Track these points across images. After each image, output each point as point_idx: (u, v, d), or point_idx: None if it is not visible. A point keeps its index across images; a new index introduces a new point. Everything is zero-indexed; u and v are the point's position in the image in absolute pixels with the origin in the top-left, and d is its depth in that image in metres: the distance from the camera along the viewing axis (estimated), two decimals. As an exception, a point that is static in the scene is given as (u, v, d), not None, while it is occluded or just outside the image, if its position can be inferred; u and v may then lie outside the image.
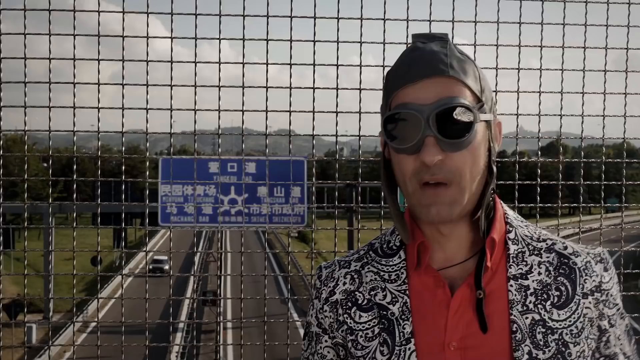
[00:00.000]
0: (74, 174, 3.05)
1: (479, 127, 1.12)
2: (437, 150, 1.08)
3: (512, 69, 3.09)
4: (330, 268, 1.27)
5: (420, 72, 1.10)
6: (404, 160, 1.12)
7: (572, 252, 1.17)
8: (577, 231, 3.23)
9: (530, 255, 1.17)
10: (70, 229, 3.04)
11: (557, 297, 1.13)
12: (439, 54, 1.12)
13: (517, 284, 1.14)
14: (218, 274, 3.29)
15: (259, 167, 10.29)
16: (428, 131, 1.08)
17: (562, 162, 3.19)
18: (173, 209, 11.05)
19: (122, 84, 2.95)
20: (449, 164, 1.09)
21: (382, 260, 1.22)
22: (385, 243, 1.25)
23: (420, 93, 1.10)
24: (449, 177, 1.09)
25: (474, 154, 1.11)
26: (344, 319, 1.21)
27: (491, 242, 1.15)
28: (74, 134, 3.02)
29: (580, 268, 1.15)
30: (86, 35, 2.94)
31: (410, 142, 1.10)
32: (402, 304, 1.16)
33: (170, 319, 3.20)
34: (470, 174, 1.11)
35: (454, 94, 1.09)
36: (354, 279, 1.23)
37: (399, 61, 1.15)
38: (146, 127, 3.02)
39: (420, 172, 1.10)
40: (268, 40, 2.96)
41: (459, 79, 1.10)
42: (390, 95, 1.14)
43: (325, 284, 1.25)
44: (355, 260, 1.26)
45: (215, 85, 2.99)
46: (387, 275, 1.20)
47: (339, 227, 3.13)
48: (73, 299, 3.19)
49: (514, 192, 3.12)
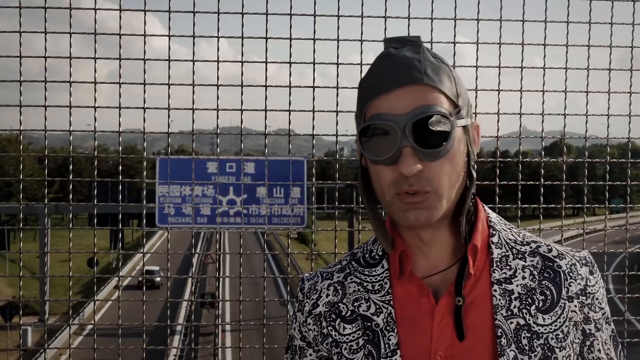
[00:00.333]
0: (70, 174, 3.05)
1: (457, 133, 1.11)
2: (414, 160, 1.08)
3: (515, 67, 3.09)
4: (312, 280, 1.27)
5: (394, 81, 1.09)
6: (382, 171, 1.11)
7: (557, 254, 1.17)
8: (581, 232, 3.23)
9: (514, 259, 1.16)
10: (66, 230, 3.04)
11: (541, 302, 1.13)
12: (412, 61, 1.11)
13: (501, 288, 1.13)
14: (216, 276, 3.29)
15: (258, 167, 10.29)
16: (405, 142, 1.07)
17: (565, 162, 3.19)
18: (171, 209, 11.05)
19: (119, 83, 2.95)
20: (427, 173, 1.09)
21: (365, 270, 1.22)
22: (367, 252, 1.24)
23: (395, 102, 1.09)
24: (426, 186, 1.09)
25: (452, 161, 1.10)
26: (328, 331, 1.20)
27: (473, 249, 1.15)
28: (70, 134, 3.02)
29: (565, 271, 1.15)
30: (82, 33, 2.94)
31: (387, 154, 1.09)
32: (386, 315, 1.16)
33: (167, 322, 3.20)
34: (448, 180, 1.10)
35: (430, 102, 1.08)
36: (337, 291, 1.22)
37: (372, 69, 1.14)
38: (143, 127, 3.02)
39: (398, 182, 1.10)
40: (267, 39, 2.96)
41: (434, 85, 1.09)
42: (364, 105, 1.14)
43: (308, 297, 1.25)
44: (338, 271, 1.25)
45: (214, 84, 2.99)
46: (371, 285, 1.19)
47: (339, 228, 3.13)
48: (69, 301, 3.19)
49: (517, 193, 3.12)
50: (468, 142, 1.15)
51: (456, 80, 1.14)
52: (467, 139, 1.15)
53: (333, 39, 2.96)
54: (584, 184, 3.19)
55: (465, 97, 1.16)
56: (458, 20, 3.01)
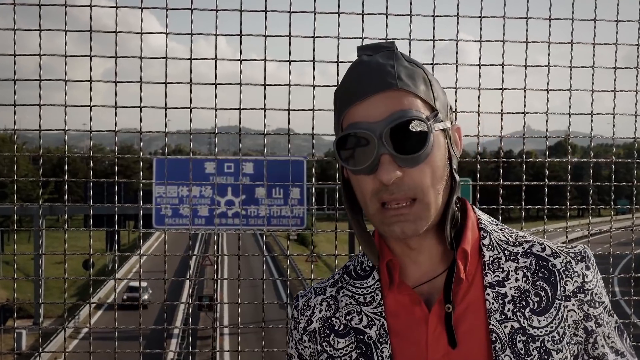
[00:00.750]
0: (65, 174, 3.05)
1: (436, 137, 1.11)
2: (394, 167, 1.07)
3: (519, 65, 3.09)
4: (306, 296, 1.27)
5: (368, 88, 1.09)
6: (362, 181, 1.11)
7: (551, 253, 1.16)
8: (586, 234, 3.23)
9: (507, 261, 1.16)
10: (61, 231, 3.04)
11: (536, 303, 1.12)
12: (385, 67, 1.11)
13: (494, 292, 1.13)
14: (214, 278, 3.29)
15: (256, 167, 10.32)
16: (382, 149, 1.07)
17: (570, 162, 3.19)
18: (168, 210, 11.09)
19: (115, 81, 2.95)
20: (407, 180, 1.08)
21: (356, 282, 1.22)
22: (358, 264, 1.25)
23: (370, 110, 1.09)
24: (409, 194, 1.08)
25: (432, 166, 1.10)
26: (322, 347, 1.20)
27: (463, 253, 1.15)
28: (65, 133, 3.02)
29: (559, 270, 1.14)
30: (78, 30, 2.94)
31: (365, 163, 1.09)
32: (379, 327, 1.16)
33: (165, 325, 3.20)
34: (432, 187, 1.10)
35: (406, 107, 1.08)
36: (329, 305, 1.23)
37: (345, 78, 1.14)
38: (140, 126, 3.02)
39: (379, 192, 1.09)
40: (266, 36, 2.97)
41: (409, 90, 1.09)
42: (340, 114, 1.13)
43: (302, 314, 1.25)
44: (331, 285, 1.26)
45: (212, 83, 2.99)
46: (362, 298, 1.20)
47: (339, 230, 3.13)
48: (64, 304, 3.19)
49: (521, 193, 3.12)
50: (449, 145, 1.15)
51: (432, 84, 1.14)
52: (447, 142, 1.14)
53: (333, 36, 2.97)
54: (589, 184, 3.19)
55: (444, 99, 1.16)
56: (461, 17, 3.01)
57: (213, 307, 24.04)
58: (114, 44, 2.98)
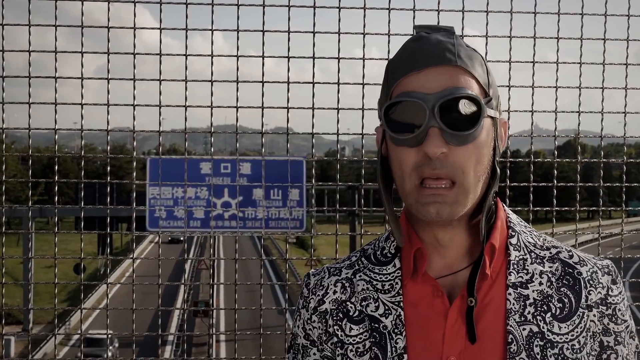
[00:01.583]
0: (55, 175, 3.06)
1: (485, 122, 1.12)
2: (441, 142, 1.08)
3: (527, 62, 3.09)
4: (319, 275, 1.26)
5: (425, 60, 1.11)
6: (404, 153, 1.12)
7: (578, 261, 1.17)
8: (597, 236, 3.23)
9: (532, 263, 1.17)
10: (51, 234, 3.04)
11: (559, 309, 1.13)
12: (445, 43, 1.13)
13: (516, 292, 1.14)
14: (210, 283, 3.29)
15: (254, 167, 10.31)
16: (432, 121, 1.08)
17: (580, 162, 3.19)
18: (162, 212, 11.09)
19: (108, 78, 2.95)
20: (452, 158, 1.09)
21: (375, 268, 1.22)
22: (379, 250, 1.24)
23: (425, 82, 1.10)
24: (451, 173, 1.09)
25: (478, 150, 1.11)
26: (333, 330, 1.20)
27: (490, 249, 1.15)
28: (55, 132, 3.02)
29: (585, 279, 1.15)
30: (69, 26, 2.94)
31: (412, 133, 1.10)
32: (395, 317, 1.16)
33: (159, 331, 3.20)
34: (474, 172, 1.11)
35: (461, 85, 1.10)
36: (345, 288, 1.22)
37: (402, 50, 1.16)
38: (133, 125, 3.03)
39: (421, 165, 1.10)
40: (264, 32, 2.97)
41: (466, 69, 1.11)
42: (391, 85, 1.15)
43: (314, 293, 1.24)
44: (347, 267, 1.25)
45: (208, 80, 2.99)
46: (381, 285, 1.19)
47: (340, 233, 3.13)
48: (54, 310, 3.19)
49: (529, 195, 3.12)
50: (495, 137, 1.16)
51: (488, 71, 1.16)
52: (494, 132, 1.16)
53: (334, 32, 2.97)
54: (599, 185, 3.19)
55: (496, 90, 1.18)
56: (466, 12, 3.01)
57: (209, 313, 24.05)
58: (106, 39, 2.98)
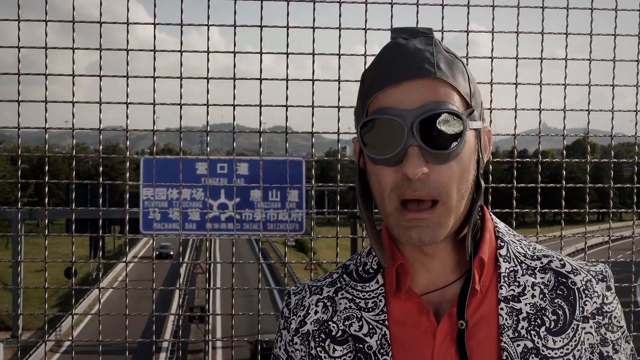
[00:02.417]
0: (45, 175, 3.06)
1: (468, 136, 1.10)
2: (421, 161, 1.06)
3: (534, 58, 3.09)
4: (300, 294, 1.26)
5: (403, 73, 1.08)
6: (383, 173, 1.10)
7: (571, 270, 1.17)
8: (607, 239, 3.23)
9: (524, 275, 1.16)
10: (41, 237, 3.04)
11: (553, 322, 1.12)
12: (424, 53, 1.10)
13: (509, 307, 1.13)
14: (206, 287, 3.29)
15: (252, 168, 10.31)
16: (411, 140, 1.06)
17: (589, 162, 3.19)
18: (156, 214, 11.08)
19: (100, 76, 2.95)
20: (434, 178, 1.07)
21: (357, 285, 1.21)
22: (361, 265, 1.23)
23: (403, 96, 1.08)
24: (433, 193, 1.07)
25: (462, 167, 1.09)
26: (316, 352, 1.19)
27: (479, 263, 1.14)
28: (45, 131, 3.02)
29: (579, 288, 1.15)
30: (60, 21, 2.94)
31: (390, 153, 1.07)
32: (380, 336, 1.15)
33: (153, 337, 3.20)
34: (457, 190, 1.09)
35: (442, 99, 1.08)
36: (326, 307, 1.22)
37: (378, 59, 1.13)
38: (126, 124, 3.03)
39: (401, 186, 1.08)
40: (262, 27, 2.97)
41: (446, 81, 1.09)
42: (367, 98, 1.13)
43: (295, 313, 1.24)
44: (328, 285, 1.25)
45: (204, 77, 2.99)
46: (364, 302, 1.19)
47: (341, 235, 3.13)
48: (45, 315, 3.19)
49: (536, 196, 3.12)
50: (479, 148, 1.14)
51: (470, 78, 1.14)
52: (478, 144, 1.14)
53: (334, 27, 2.97)
54: (609, 186, 3.19)
55: (479, 97, 1.16)
56: (471, 6, 3.01)
57: (205, 319, 24.05)
58: (99, 35, 2.98)
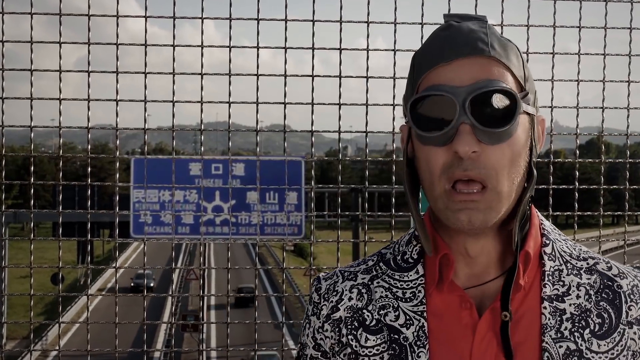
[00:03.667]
0: (31, 176, 3.05)
1: (522, 119, 1.12)
2: (472, 139, 1.08)
3: (546, 53, 3.09)
4: (331, 279, 1.26)
5: (456, 51, 1.10)
6: (432, 153, 1.11)
7: (618, 273, 1.18)
8: (622, 244, 3.23)
9: (569, 274, 1.17)
10: (26, 241, 3.04)
11: (598, 325, 1.13)
12: (477, 32, 1.13)
13: (552, 306, 1.14)
14: (200, 294, 3.29)
15: (248, 168, 10.29)
16: (463, 117, 1.08)
17: (604, 162, 3.19)
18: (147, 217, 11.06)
19: (88, 71, 2.95)
20: (484, 159, 1.08)
21: (395, 274, 1.21)
22: (399, 254, 1.24)
23: (455, 74, 1.10)
24: (483, 175, 1.08)
25: (514, 150, 1.10)
26: (347, 340, 1.20)
27: (525, 257, 1.15)
28: (31, 130, 3.02)
29: (625, 292, 1.16)
30: (46, 14, 2.94)
31: (441, 130, 1.09)
32: (417, 328, 1.16)
33: (144, 347, 3.20)
34: (508, 174, 1.10)
35: (495, 77, 1.10)
36: (361, 294, 1.22)
37: (430, 40, 1.16)
38: (116, 122, 3.03)
39: (451, 167, 1.09)
40: (259, 20, 2.97)
41: (500, 60, 1.11)
42: (418, 78, 1.14)
43: (326, 299, 1.24)
44: (363, 272, 1.25)
45: (197, 73, 2.99)
46: (401, 292, 1.19)
47: (342, 239, 3.13)
48: (30, 324, 3.19)
49: (548, 198, 3.12)
50: (532, 135, 1.16)
51: (524, 63, 1.16)
52: (531, 131, 1.15)
53: (335, 20, 2.97)
54: (625, 187, 3.18)
55: (533, 84, 1.17)
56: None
57: (199, 327, 24.01)
58: (87, 29, 2.98)
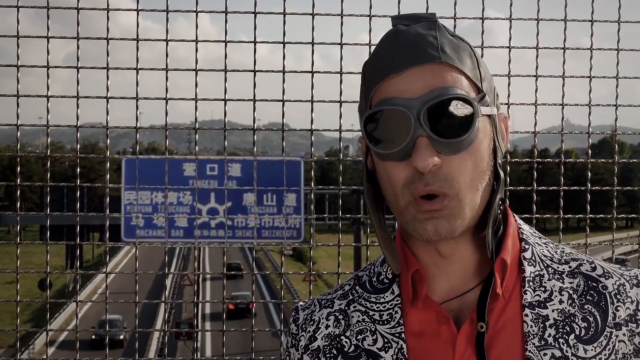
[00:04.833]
0: (17, 177, 3.05)
1: (482, 122, 1.12)
2: (431, 152, 1.07)
3: (556, 48, 3.09)
4: (309, 309, 1.27)
5: (405, 60, 1.10)
6: (392, 169, 1.11)
7: (602, 273, 1.18)
8: (636, 247, 3.23)
9: (550, 279, 1.17)
10: (13, 245, 3.04)
11: (583, 330, 1.13)
12: (426, 37, 1.12)
13: (534, 313, 1.14)
14: (194, 301, 3.29)
15: (245, 169, 10.32)
16: (419, 130, 1.07)
17: (617, 162, 3.19)
18: (139, 220, 11.08)
19: (77, 67, 2.95)
20: (446, 170, 1.09)
21: (371, 296, 1.22)
22: (374, 275, 1.25)
23: (407, 85, 1.09)
24: (445, 188, 1.09)
25: (477, 156, 1.11)
26: None
27: (501, 264, 1.15)
28: (17, 129, 3.02)
29: (611, 293, 1.15)
30: (33, 7, 2.94)
31: (398, 145, 1.09)
32: (396, 350, 1.16)
33: (136, 356, 3.20)
34: (472, 182, 1.10)
35: (449, 84, 1.09)
36: (338, 321, 1.23)
37: (378, 49, 1.15)
38: (106, 120, 3.02)
39: (413, 182, 1.09)
40: (256, 14, 2.97)
41: (453, 65, 1.10)
42: (370, 90, 1.14)
43: (304, 329, 1.25)
44: (340, 297, 1.26)
45: (192, 69, 2.99)
46: (378, 315, 1.20)
47: (343, 243, 3.13)
48: (16, 332, 3.19)
49: (559, 200, 3.12)
50: (494, 136, 1.16)
51: (479, 62, 1.15)
52: (492, 131, 1.15)
53: (336, 14, 2.97)
54: (639, 189, 3.18)
55: (490, 82, 1.17)
56: (487, -9, 3.01)
57: (193, 335, 24.02)
58: (76, 22, 2.98)
